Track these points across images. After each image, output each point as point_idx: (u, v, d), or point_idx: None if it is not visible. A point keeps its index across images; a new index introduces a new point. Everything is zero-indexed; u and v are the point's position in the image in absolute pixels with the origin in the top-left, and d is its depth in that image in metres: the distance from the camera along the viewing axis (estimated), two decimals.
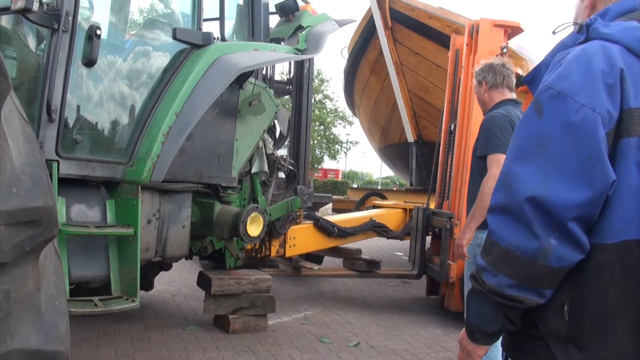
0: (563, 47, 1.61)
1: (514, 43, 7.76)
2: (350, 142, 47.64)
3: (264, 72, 5.96)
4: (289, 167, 6.22)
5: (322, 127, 41.27)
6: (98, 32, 3.91)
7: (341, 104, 42.02)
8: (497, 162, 3.56)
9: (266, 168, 5.82)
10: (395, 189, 19.34)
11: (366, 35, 9.73)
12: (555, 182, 1.41)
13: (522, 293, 1.46)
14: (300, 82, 6.59)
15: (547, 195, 1.40)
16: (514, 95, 4.03)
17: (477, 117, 5.88)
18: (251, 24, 5.44)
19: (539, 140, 1.45)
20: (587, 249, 1.43)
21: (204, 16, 4.82)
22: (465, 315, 1.66)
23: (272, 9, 5.84)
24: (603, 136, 1.39)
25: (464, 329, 1.67)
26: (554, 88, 1.46)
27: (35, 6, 3.43)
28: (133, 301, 3.95)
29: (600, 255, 1.43)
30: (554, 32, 1.82)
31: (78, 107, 4.13)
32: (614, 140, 1.42)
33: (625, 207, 1.41)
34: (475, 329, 1.60)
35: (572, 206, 1.39)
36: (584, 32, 1.53)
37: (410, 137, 10.18)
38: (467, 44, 6.52)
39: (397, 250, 11.74)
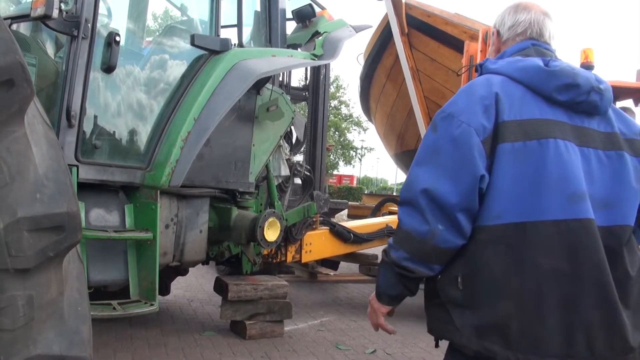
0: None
1: None
2: (365, 148, 47.60)
3: (280, 78, 5.97)
4: (305, 172, 6.22)
5: (337, 133, 41.29)
6: (117, 38, 3.94)
7: (356, 110, 42.06)
8: None
9: (287, 172, 5.82)
10: None
11: (382, 41, 9.70)
12: (443, 180, 1.81)
13: (414, 265, 1.87)
14: (317, 88, 6.58)
15: (437, 189, 1.80)
16: None
17: None
18: (268, 30, 5.45)
19: (433, 149, 1.89)
20: (467, 236, 1.83)
21: (222, 23, 4.84)
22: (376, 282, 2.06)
23: (289, 15, 5.85)
24: (477, 142, 1.80)
25: (374, 292, 2.07)
26: (446, 111, 1.91)
27: (55, 13, 3.46)
28: (152, 305, 3.96)
29: (484, 234, 1.81)
30: (457, 74, 3.27)
31: (97, 113, 4.15)
32: (493, 145, 1.81)
33: (502, 196, 1.79)
34: (382, 292, 2.02)
35: (456, 198, 1.79)
36: (479, 70, 2.06)
37: None
38: (481, 50, 6.47)
39: None
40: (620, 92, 6.34)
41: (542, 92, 1.86)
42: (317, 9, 5.99)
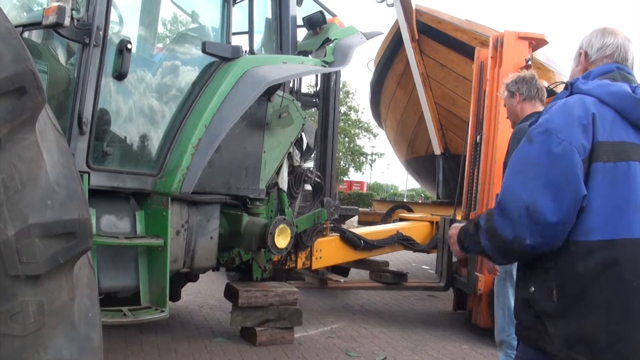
0: (556, 98, 2.18)
1: (542, 55, 7.69)
2: (376, 154, 47.55)
3: (290, 85, 5.97)
4: (316, 179, 6.21)
5: (346, 139, 41.29)
6: (129, 46, 3.96)
7: (365, 116, 42.06)
8: None
9: (285, 186, 5.73)
10: (420, 201, 19.20)
11: (393, 47, 9.70)
12: (540, 194, 1.93)
13: (496, 256, 2.11)
14: (327, 95, 6.58)
15: (534, 202, 1.92)
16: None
17: (503, 129, 5.84)
18: (279, 37, 5.46)
19: (528, 162, 2.01)
20: (559, 245, 1.95)
21: (233, 30, 4.85)
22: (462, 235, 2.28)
23: (299, 22, 5.86)
24: (579, 161, 1.92)
25: (461, 227, 2.31)
26: (543, 126, 2.02)
27: (67, 21, 3.47)
28: (162, 311, 3.96)
29: (576, 249, 1.93)
30: (548, 88, 2.68)
31: (108, 120, 4.17)
32: (589, 164, 1.93)
33: (593, 213, 1.92)
34: (461, 239, 2.27)
35: (556, 214, 1.90)
36: (569, 89, 2.14)
37: (437, 150, 10.12)
38: (491, 57, 6.46)
39: (423, 263, 11.66)
40: None
41: (629, 117, 1.99)
42: (327, 16, 6.00)
